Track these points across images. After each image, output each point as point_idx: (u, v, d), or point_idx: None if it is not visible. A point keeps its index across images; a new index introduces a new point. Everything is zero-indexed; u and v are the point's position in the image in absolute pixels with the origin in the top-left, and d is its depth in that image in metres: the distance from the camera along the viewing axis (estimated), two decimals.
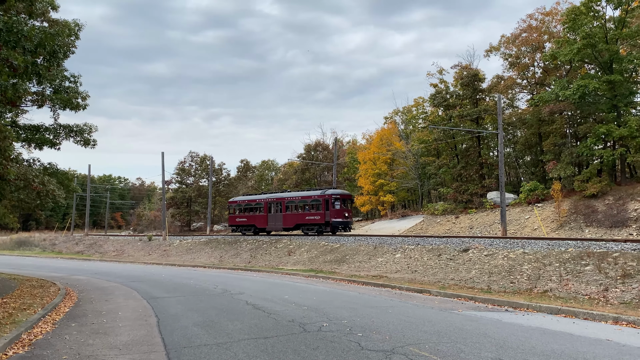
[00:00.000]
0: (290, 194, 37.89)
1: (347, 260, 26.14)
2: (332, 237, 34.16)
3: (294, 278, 22.88)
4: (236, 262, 33.19)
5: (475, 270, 18.63)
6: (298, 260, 29.44)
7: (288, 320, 10.17)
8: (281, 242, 35.54)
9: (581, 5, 33.63)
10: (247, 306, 12.46)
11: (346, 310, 11.64)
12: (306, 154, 62.52)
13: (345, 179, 65.10)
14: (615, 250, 16.34)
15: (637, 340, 8.33)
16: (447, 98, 47.02)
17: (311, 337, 8.39)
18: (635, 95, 36.43)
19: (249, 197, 42.04)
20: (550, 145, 40.11)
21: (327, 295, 15.25)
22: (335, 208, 34.08)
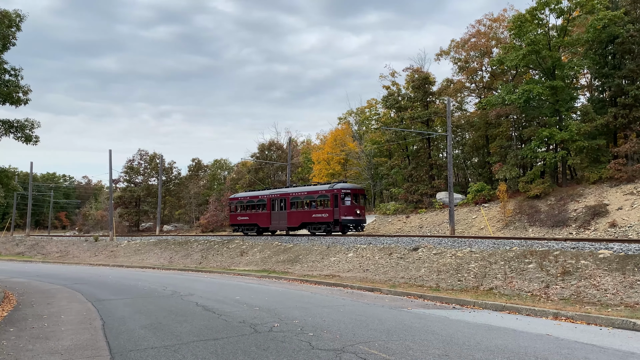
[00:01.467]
0: (296, 189, 34.15)
1: (300, 260, 26.15)
2: (285, 237, 34.01)
3: (247, 279, 22.68)
4: (187, 263, 32.57)
5: (424, 268, 19.04)
6: (251, 261, 29.21)
7: (239, 321, 10.06)
8: (233, 242, 35.15)
9: (526, 13, 34.98)
10: (197, 308, 12.25)
11: (298, 310, 11.64)
12: (260, 153, 62.14)
13: (300, 178, 65.10)
14: (556, 248, 17.08)
15: (574, 334, 8.74)
16: (399, 100, 47.85)
17: (262, 338, 8.33)
18: (576, 101, 38.23)
19: (251, 193, 38.77)
20: (496, 148, 41.54)
21: (280, 295, 15.20)
22: (345, 204, 30.37)
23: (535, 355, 6.99)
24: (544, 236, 27.13)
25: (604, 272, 14.03)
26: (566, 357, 6.90)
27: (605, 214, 27.91)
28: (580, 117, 37.35)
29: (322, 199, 31.36)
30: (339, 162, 55.67)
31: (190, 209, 75.01)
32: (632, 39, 33.03)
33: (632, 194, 28.66)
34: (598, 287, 13.30)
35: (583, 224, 27.94)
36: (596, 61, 35.22)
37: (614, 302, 11.93)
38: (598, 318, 10.08)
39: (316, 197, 31.72)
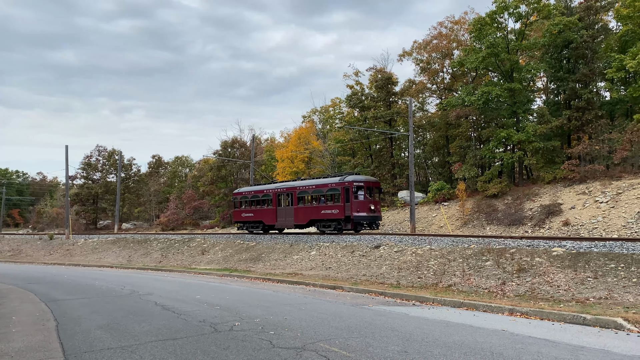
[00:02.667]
0: (303, 183, 31.07)
1: (262, 258, 26.04)
2: (247, 235, 33.71)
3: (208, 277, 22.42)
4: (146, 262, 31.93)
5: (385, 266, 19.27)
6: (212, 260, 28.89)
7: (199, 320, 9.94)
8: (194, 240, 34.67)
9: (486, 17, 35.83)
10: (156, 307, 12.02)
11: (260, 308, 11.59)
12: (222, 150, 61.47)
13: (263, 176, 64.76)
14: (512, 246, 17.59)
15: (528, 329, 9.02)
16: (362, 100, 48.23)
17: (222, 337, 8.25)
18: (532, 103, 39.44)
19: (256, 187, 35.37)
20: (456, 148, 42.42)
21: (241, 294, 15.09)
22: (357, 199, 27.38)
23: (491, 350, 7.18)
24: (501, 234, 27.88)
25: (557, 269, 14.54)
26: (520, 352, 7.11)
27: (559, 213, 28.91)
28: (536, 119, 38.57)
29: (332, 193, 28.39)
30: (302, 161, 55.70)
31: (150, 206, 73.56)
32: (586, 45, 34.29)
33: (584, 193, 29.78)
34: (551, 283, 13.77)
35: (538, 223, 28.84)
36: (552, 65, 36.40)
37: (566, 298, 12.37)
38: (551, 313, 10.43)
39: (325, 191, 28.81)
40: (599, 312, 10.11)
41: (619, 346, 7.53)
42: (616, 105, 35.79)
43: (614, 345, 7.58)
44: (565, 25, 33.85)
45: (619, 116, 36.28)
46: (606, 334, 8.67)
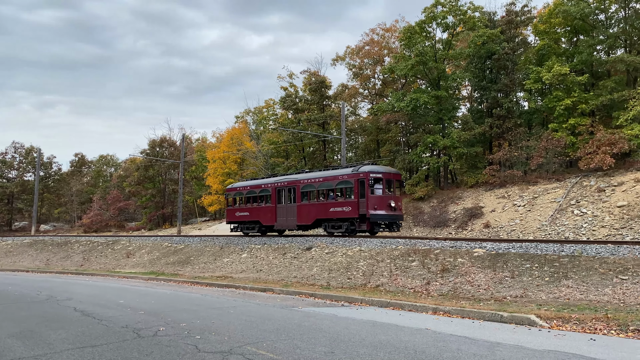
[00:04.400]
0: (308, 175, 26.64)
1: (191, 261, 25.44)
2: (176, 238, 32.71)
3: (133, 281, 21.59)
4: (66, 266, 30.28)
5: (316, 267, 19.41)
6: (138, 263, 27.86)
7: (121, 326, 9.54)
8: (119, 243, 33.31)
9: (416, 25, 37.07)
10: (75, 313, 11.42)
11: (186, 312, 11.30)
12: (150, 150, 59.52)
13: (193, 177, 63.35)
14: (436, 247, 18.26)
15: (450, 327, 9.40)
16: (296, 102, 48.42)
17: (145, 343, 7.97)
18: (457, 111, 41.25)
19: (253, 181, 30.94)
20: (386, 152, 43.54)
21: (168, 298, 14.66)
22: (375, 194, 23.23)
23: (415, 349, 7.41)
24: (426, 236, 28.87)
25: (478, 269, 15.25)
26: (441, 349, 7.39)
27: (480, 215, 30.37)
28: (461, 125, 40.35)
29: (343, 186, 24.31)
30: (235, 162, 54.99)
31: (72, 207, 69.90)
32: (507, 56, 36.31)
33: (503, 197, 31.48)
34: (472, 283, 14.43)
35: (461, 225, 30.14)
36: (476, 74, 38.23)
37: (485, 297, 13.00)
38: (471, 312, 10.92)
39: (335, 185, 24.63)
40: (514, 310, 10.70)
41: (531, 341, 8.01)
42: (533, 114, 38.14)
43: (527, 341, 8.05)
44: (489, 37, 35.68)
45: (536, 125, 38.70)
46: (521, 330, 9.20)
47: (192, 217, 63.17)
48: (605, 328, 8.94)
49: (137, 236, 38.85)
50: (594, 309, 10.37)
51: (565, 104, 31.77)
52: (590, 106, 31.99)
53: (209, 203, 55.22)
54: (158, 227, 59.44)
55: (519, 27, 39.62)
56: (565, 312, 10.16)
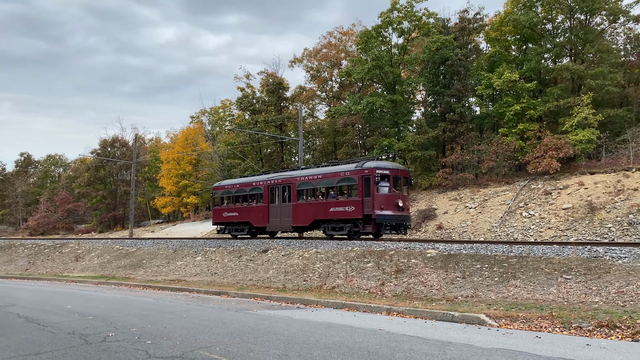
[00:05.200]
0: (305, 172, 24.89)
1: (144, 264, 24.84)
2: (127, 240, 31.83)
3: (82, 286, 20.88)
4: (10, 270, 28.97)
5: (272, 270, 19.33)
6: (87, 266, 26.97)
7: (67, 332, 9.19)
8: (67, 246, 32.15)
9: (372, 30, 37.56)
10: (18, 319, 10.92)
11: (137, 317, 11.01)
12: (102, 150, 57.78)
13: (146, 178, 61.90)
14: (391, 248, 18.52)
15: (403, 328, 9.54)
16: (253, 103, 48.12)
17: (93, 349, 7.71)
18: (412, 115, 42.03)
19: (243, 179, 29.16)
20: (343, 154, 43.85)
21: (118, 302, 14.24)
22: (381, 192, 21.54)
23: (368, 349, 7.48)
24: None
25: (431, 270, 15.57)
26: (394, 349, 7.50)
27: (434, 217, 31.02)
28: (415, 129, 41.12)
29: (346, 184, 22.53)
30: (190, 163, 54.10)
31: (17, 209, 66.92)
32: (460, 62, 37.30)
33: (455, 199, 32.28)
34: (425, 283, 14.71)
35: (415, 226, 30.69)
36: (430, 79, 39.09)
37: (437, 297, 13.28)
38: (424, 312, 11.12)
39: (336, 182, 22.90)
40: (465, 310, 10.97)
41: (480, 340, 8.23)
42: (484, 119, 39.31)
43: (476, 340, 8.27)
44: (442, 43, 36.54)
45: (487, 129, 39.91)
46: (471, 329, 9.44)
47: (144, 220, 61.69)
48: (550, 326, 9.29)
49: (87, 239, 37.60)
50: (540, 308, 10.76)
51: (514, 109, 32.90)
52: (538, 112, 33.26)
53: (163, 205, 54.09)
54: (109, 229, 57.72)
55: (471, 34, 40.78)
56: (513, 311, 10.50)
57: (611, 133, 32.99)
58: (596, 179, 27.68)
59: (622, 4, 33.96)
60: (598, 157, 32.34)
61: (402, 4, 37.49)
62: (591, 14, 34.29)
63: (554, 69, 34.76)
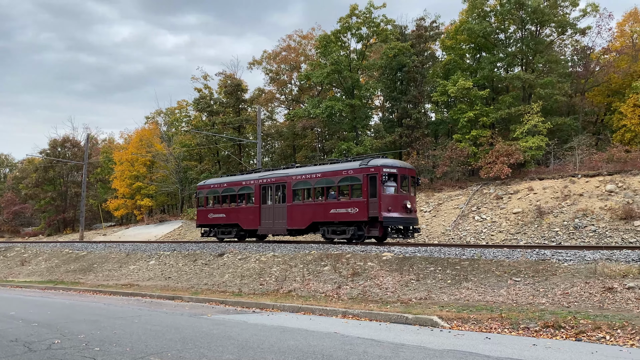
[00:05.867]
0: (301, 171, 23.12)
1: (94, 269, 24.06)
2: (78, 244, 30.78)
3: (27, 291, 20.01)
4: None
5: (228, 274, 19.10)
6: (34, 271, 25.89)
7: (10, 340, 8.78)
8: (13, 249, 30.79)
9: (331, 35, 37.83)
10: None
11: (86, 323, 10.64)
12: (51, 150, 55.70)
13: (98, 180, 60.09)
14: (348, 252, 18.63)
15: (358, 330, 9.61)
16: (211, 104, 47.54)
17: (37, 357, 7.39)
18: (370, 119, 42.54)
19: (231, 177, 27.36)
20: (302, 157, 43.92)
21: (66, 308, 13.72)
22: (387, 192, 20.06)
23: (322, 353, 7.50)
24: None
25: (386, 273, 15.76)
26: (348, 352, 7.54)
27: None
28: (373, 134, 41.64)
29: (349, 184, 20.84)
30: (144, 164, 52.85)
31: None
32: (416, 69, 38.04)
33: None
34: (381, 286, 14.88)
35: None
36: (387, 85, 39.69)
37: (392, 299, 13.45)
38: (379, 314, 11.24)
39: (337, 182, 21.13)
40: (419, 312, 11.16)
41: (433, 342, 8.39)
42: (439, 125, 40.22)
43: (429, 341, 8.42)
44: (400, 50, 37.18)
45: (442, 135, 40.84)
46: (424, 331, 9.61)
47: (96, 222, 59.80)
48: (500, 327, 9.57)
49: (34, 242, 36.11)
50: (490, 309, 11.06)
51: (468, 116, 33.82)
52: (490, 119, 34.30)
53: (115, 207, 52.62)
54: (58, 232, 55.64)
55: (428, 41, 41.68)
56: (465, 313, 10.75)
57: (559, 140, 34.37)
58: (545, 185, 28.76)
59: (570, 17, 35.55)
60: (547, 164, 33.62)
61: (361, 10, 37.97)
62: (541, 25, 35.70)
63: (506, 77, 35.97)
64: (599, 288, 11.59)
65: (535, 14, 33.85)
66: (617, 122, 34.14)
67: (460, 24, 37.00)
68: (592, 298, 11.21)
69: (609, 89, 37.62)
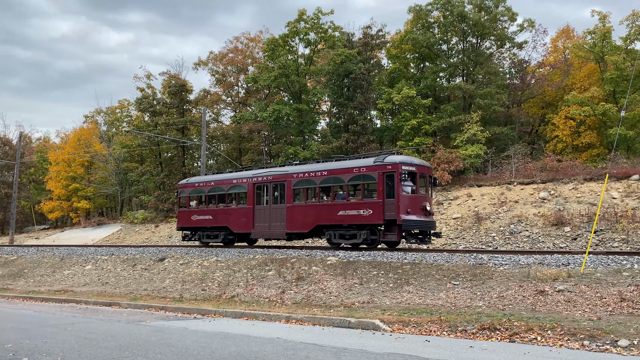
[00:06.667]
0: (304, 168, 21.27)
1: (25, 274, 22.83)
2: (7, 247, 29.10)
3: None
4: None
5: (169, 279, 18.62)
6: None
7: None
8: None
9: (279, 38, 37.81)
10: None
11: (14, 332, 10.05)
12: None
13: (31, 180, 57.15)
14: (293, 256, 18.61)
15: (300, 335, 9.60)
16: (154, 104, 46.31)
17: None
18: (317, 124, 42.78)
19: (219, 176, 25.02)
20: (248, 161, 43.52)
21: None
22: (405, 192, 18.28)
23: (264, 358, 7.43)
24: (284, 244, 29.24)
25: (330, 277, 15.85)
26: (290, 357, 7.51)
27: None
28: (320, 139, 41.88)
29: (361, 182, 19.12)
30: (82, 165, 50.74)
31: None
32: (363, 76, 38.64)
33: None
34: (325, 290, 14.94)
35: None
36: (335, 91, 40.08)
37: (336, 303, 13.54)
38: (322, 319, 11.27)
39: (347, 180, 19.30)
40: (361, 316, 11.28)
41: (374, 345, 8.50)
42: (384, 132, 41.00)
43: (370, 345, 8.52)
44: (347, 57, 37.66)
45: (386, 142, 41.63)
46: (366, 335, 9.71)
47: (28, 225, 56.73)
48: (439, 329, 9.82)
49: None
50: (430, 312, 11.34)
51: (411, 124, 34.68)
52: (432, 127, 35.31)
53: (50, 209, 50.18)
54: None
55: (374, 49, 42.43)
56: (406, 316, 10.97)
57: (497, 149, 35.83)
58: (483, 191, 29.88)
59: (508, 31, 37.24)
60: (485, 171, 34.95)
61: (309, 16, 38.17)
62: (481, 38, 37.18)
63: (447, 87, 37.18)
64: (531, 291, 12.13)
65: (476, 27, 35.21)
66: (550, 132, 35.99)
67: (405, 34, 37.94)
68: (526, 301, 11.72)
69: (543, 101, 39.65)
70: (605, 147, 33.28)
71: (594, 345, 8.24)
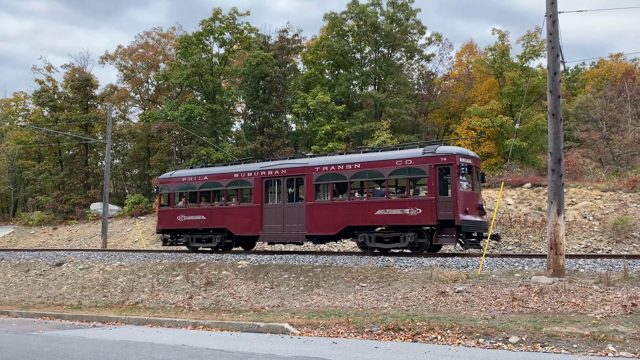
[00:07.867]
0: (329, 160, 18.36)
1: None
2: None
3: None
4: None
5: (67, 285, 17.46)
6: None
7: None
8: None
9: (193, 36, 36.90)
10: None
11: None
12: None
13: None
14: (203, 260, 18.16)
15: (207, 341, 9.37)
16: (54, 98, 43.26)
17: None
18: (232, 126, 42.20)
19: (214, 169, 21.56)
20: (157, 161, 41.93)
21: None
22: (463, 188, 15.77)
23: None
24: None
25: (241, 281, 15.64)
26: None
27: None
28: (234, 140, 41.33)
29: (406, 177, 16.38)
30: None
31: None
32: (278, 80, 38.69)
33: None
34: (235, 295, 14.72)
35: None
36: (250, 93, 39.78)
37: (245, 308, 13.38)
38: (231, 324, 11.09)
39: (387, 175, 16.52)
40: (271, 319, 11.24)
41: (282, 349, 8.50)
42: (299, 135, 41.31)
43: (278, 349, 8.51)
44: (262, 59, 37.54)
45: (301, 145, 41.97)
46: (275, 338, 9.69)
47: None
48: (346, 331, 10.02)
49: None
50: (338, 315, 11.55)
51: (325, 129, 35.26)
52: (345, 133, 36.14)
53: None
54: None
55: (290, 54, 42.65)
56: (315, 319, 11.08)
57: None
58: None
59: (417, 44, 39.04)
60: None
61: (225, 15, 37.60)
62: (392, 49, 38.68)
63: (360, 94, 38.26)
64: (433, 292, 12.74)
65: (387, 37, 36.56)
66: (453, 142, 38.14)
67: (320, 40, 38.54)
68: (428, 301, 12.28)
69: (447, 111, 41.99)
70: (502, 157, 35.81)
71: (488, 342, 8.81)
